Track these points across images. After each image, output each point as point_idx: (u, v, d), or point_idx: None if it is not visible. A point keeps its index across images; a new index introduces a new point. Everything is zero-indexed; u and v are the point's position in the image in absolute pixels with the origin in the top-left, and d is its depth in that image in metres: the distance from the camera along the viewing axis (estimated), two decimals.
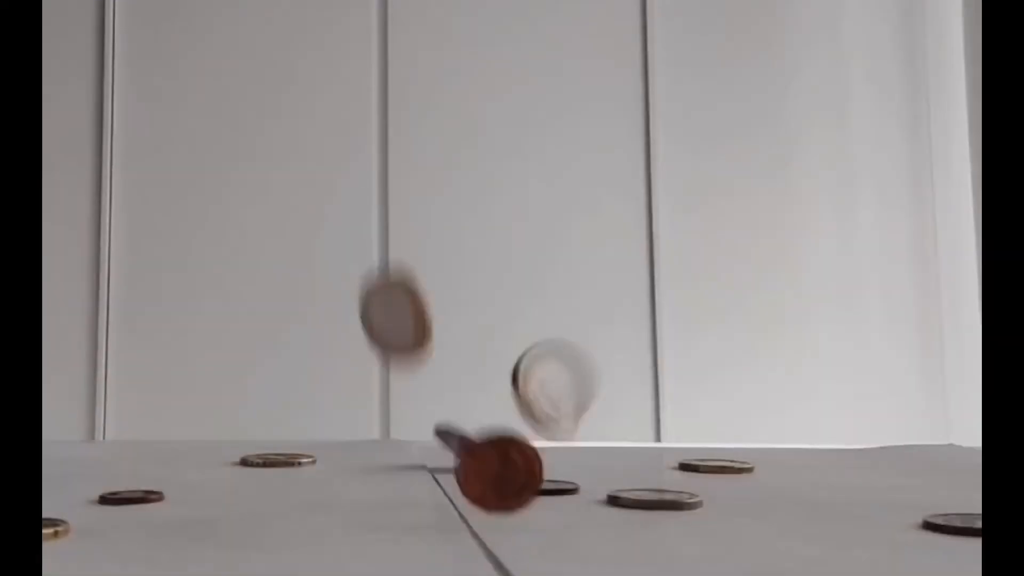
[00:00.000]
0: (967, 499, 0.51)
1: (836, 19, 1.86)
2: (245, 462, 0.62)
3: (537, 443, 0.41)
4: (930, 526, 0.42)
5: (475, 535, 0.39)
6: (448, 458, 0.65)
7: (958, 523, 0.42)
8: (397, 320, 0.44)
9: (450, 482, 0.55)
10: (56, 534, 0.38)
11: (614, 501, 0.48)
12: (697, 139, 1.80)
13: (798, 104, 1.83)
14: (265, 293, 1.70)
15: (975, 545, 0.39)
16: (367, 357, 1.80)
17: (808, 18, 1.85)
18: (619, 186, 1.78)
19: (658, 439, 1.71)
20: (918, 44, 1.87)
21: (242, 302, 1.70)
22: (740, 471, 0.62)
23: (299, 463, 0.62)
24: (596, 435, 1.77)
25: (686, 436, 1.70)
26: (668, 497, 0.48)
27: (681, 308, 1.75)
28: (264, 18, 1.76)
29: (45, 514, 0.41)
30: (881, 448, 0.76)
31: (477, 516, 0.44)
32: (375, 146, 1.75)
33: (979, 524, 0.41)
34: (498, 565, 0.34)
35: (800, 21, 1.85)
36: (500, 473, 0.41)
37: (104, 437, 1.63)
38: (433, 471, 0.60)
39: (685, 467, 0.63)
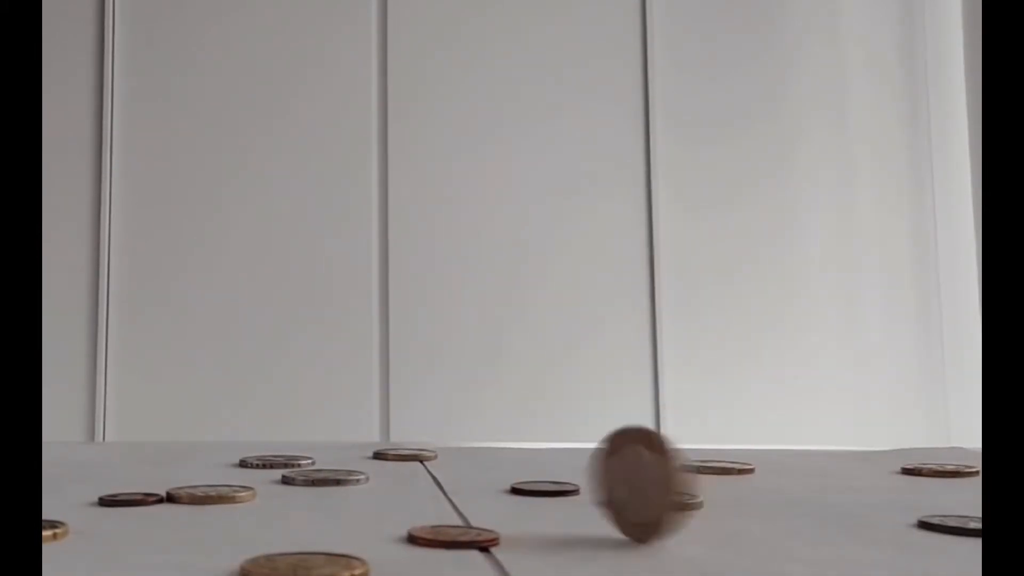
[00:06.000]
0: (968, 501, 0.51)
1: (836, 19, 1.86)
2: (244, 464, 0.62)
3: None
4: (926, 526, 0.42)
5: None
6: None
7: (954, 523, 0.42)
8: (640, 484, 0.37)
9: (448, 481, 0.55)
10: (55, 536, 0.38)
11: None
12: (697, 139, 1.80)
13: (798, 104, 1.83)
14: (265, 294, 1.70)
15: (972, 545, 0.39)
16: (367, 357, 1.80)
17: (808, 19, 1.85)
18: (619, 186, 1.78)
19: None
20: (918, 44, 1.87)
21: (242, 303, 1.70)
22: (741, 472, 0.61)
23: (298, 465, 0.61)
24: (596, 436, 1.76)
25: (686, 437, 1.70)
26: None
27: (681, 308, 1.75)
28: (264, 18, 1.76)
29: (44, 516, 0.41)
30: (883, 451, 0.76)
31: (475, 515, 0.44)
32: (375, 146, 1.75)
33: (974, 524, 0.41)
34: (498, 566, 0.34)
35: (800, 22, 1.85)
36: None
37: (104, 437, 1.63)
38: (431, 472, 0.60)
39: (685, 468, 0.63)
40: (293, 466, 0.61)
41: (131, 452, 0.72)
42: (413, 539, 0.38)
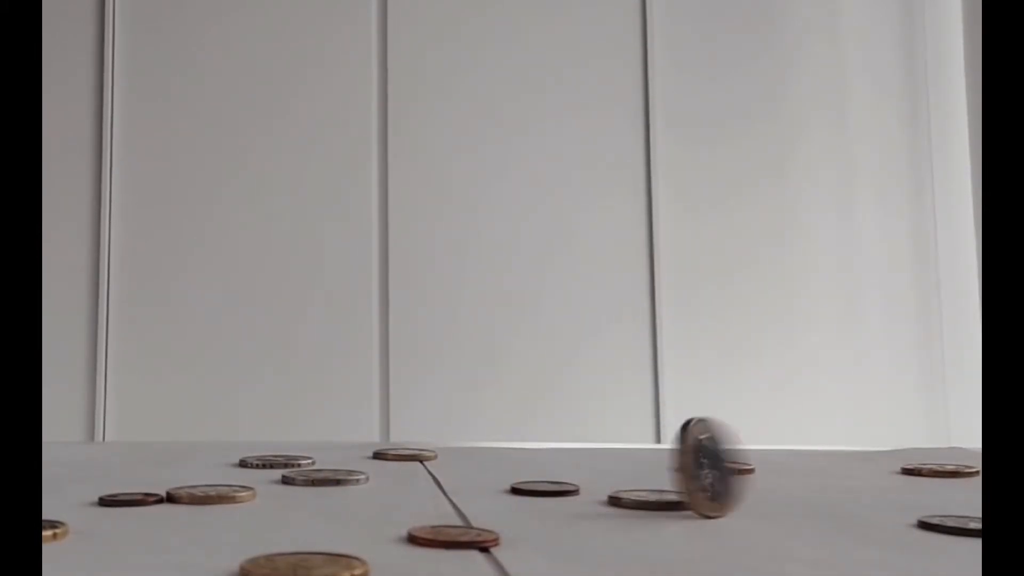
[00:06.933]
0: (967, 501, 0.51)
1: (836, 19, 1.86)
2: (244, 464, 0.62)
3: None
4: (926, 526, 0.42)
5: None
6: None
7: (954, 523, 0.42)
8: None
9: (448, 481, 0.55)
10: (55, 536, 0.38)
11: (615, 502, 0.48)
12: (697, 140, 1.80)
13: (798, 104, 1.83)
14: (265, 294, 1.70)
15: (972, 545, 0.39)
16: (367, 357, 1.79)
17: (808, 19, 1.85)
18: (619, 186, 1.78)
19: (658, 440, 1.71)
20: (918, 44, 1.87)
21: (242, 303, 1.70)
22: (741, 472, 0.61)
23: (298, 465, 0.61)
24: (596, 436, 1.76)
25: None
26: (668, 498, 0.48)
27: (681, 308, 1.75)
28: (264, 18, 1.76)
29: (44, 516, 0.41)
30: (883, 451, 0.76)
31: (475, 515, 0.44)
32: (375, 146, 1.75)
33: (973, 524, 0.41)
34: (498, 566, 0.34)
35: (800, 22, 1.85)
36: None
37: (104, 437, 1.63)
38: (431, 472, 0.60)
39: None
40: (293, 466, 0.61)
41: (131, 452, 0.72)
42: (413, 539, 0.38)
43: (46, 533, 0.38)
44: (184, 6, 1.75)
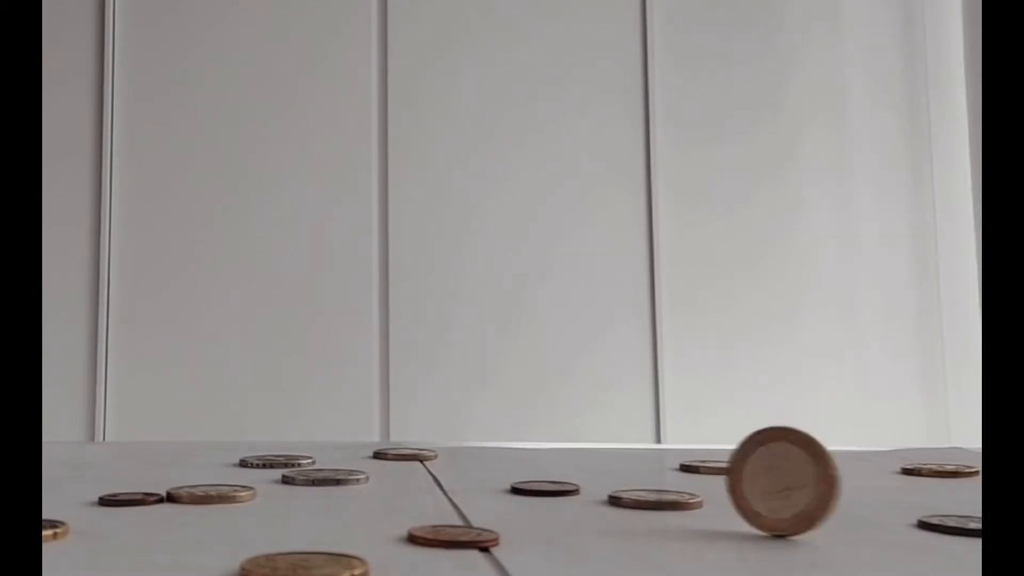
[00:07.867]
0: (968, 501, 0.51)
1: (836, 19, 1.86)
2: (244, 464, 0.62)
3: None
4: (926, 526, 0.42)
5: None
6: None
7: (954, 523, 0.42)
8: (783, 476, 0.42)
9: (448, 481, 0.55)
10: (55, 535, 0.38)
11: (615, 502, 0.48)
12: (697, 139, 1.80)
13: (798, 104, 1.83)
14: (265, 295, 1.70)
15: (972, 545, 0.39)
16: (367, 357, 1.79)
17: (808, 19, 1.85)
18: (619, 188, 1.78)
19: (658, 440, 1.71)
20: (918, 44, 1.87)
21: (242, 304, 1.70)
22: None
23: (298, 465, 0.61)
24: (596, 436, 1.76)
25: (686, 437, 1.70)
26: (668, 498, 0.48)
27: (681, 309, 1.75)
28: (264, 18, 1.76)
29: (44, 515, 0.41)
30: (883, 451, 0.76)
31: (475, 515, 0.44)
32: (375, 146, 1.75)
33: (973, 524, 0.41)
34: (498, 566, 0.34)
35: (800, 22, 1.85)
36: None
37: (104, 437, 1.63)
38: (431, 472, 0.60)
39: (686, 468, 0.63)
40: (293, 466, 0.61)
41: (131, 452, 0.72)
42: (413, 539, 0.38)
43: (46, 533, 0.38)
44: (184, 6, 1.75)
